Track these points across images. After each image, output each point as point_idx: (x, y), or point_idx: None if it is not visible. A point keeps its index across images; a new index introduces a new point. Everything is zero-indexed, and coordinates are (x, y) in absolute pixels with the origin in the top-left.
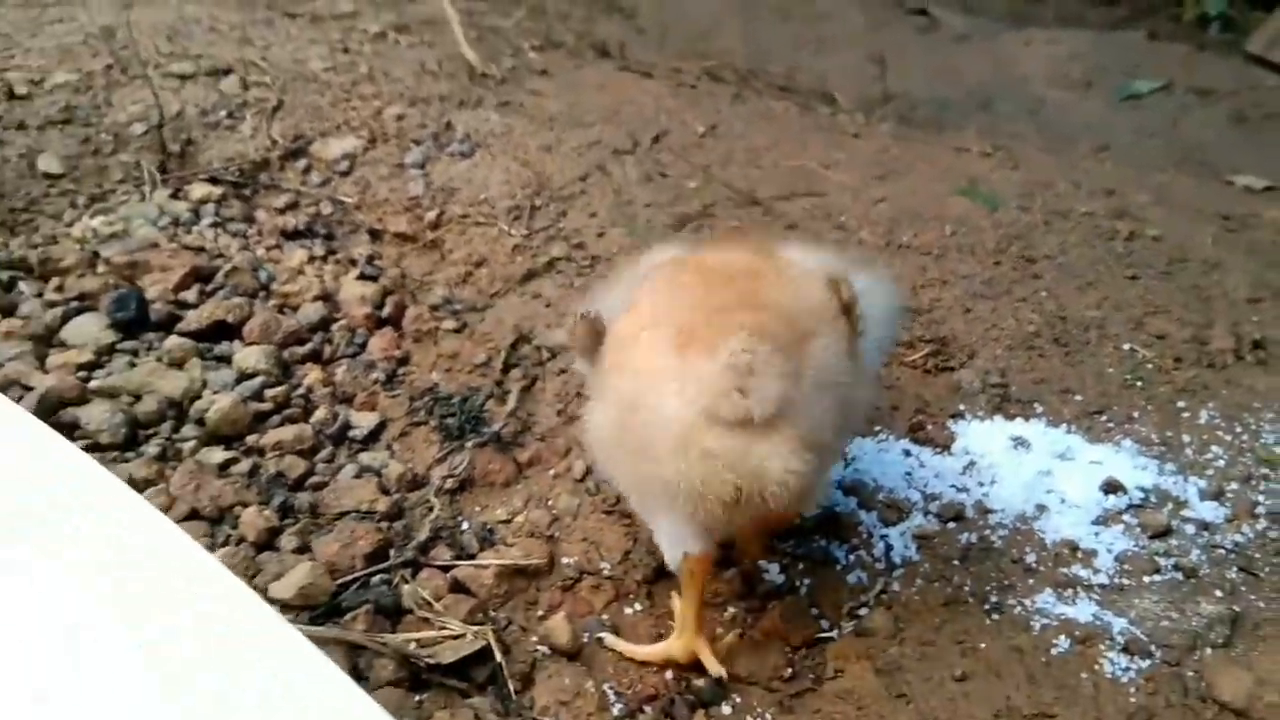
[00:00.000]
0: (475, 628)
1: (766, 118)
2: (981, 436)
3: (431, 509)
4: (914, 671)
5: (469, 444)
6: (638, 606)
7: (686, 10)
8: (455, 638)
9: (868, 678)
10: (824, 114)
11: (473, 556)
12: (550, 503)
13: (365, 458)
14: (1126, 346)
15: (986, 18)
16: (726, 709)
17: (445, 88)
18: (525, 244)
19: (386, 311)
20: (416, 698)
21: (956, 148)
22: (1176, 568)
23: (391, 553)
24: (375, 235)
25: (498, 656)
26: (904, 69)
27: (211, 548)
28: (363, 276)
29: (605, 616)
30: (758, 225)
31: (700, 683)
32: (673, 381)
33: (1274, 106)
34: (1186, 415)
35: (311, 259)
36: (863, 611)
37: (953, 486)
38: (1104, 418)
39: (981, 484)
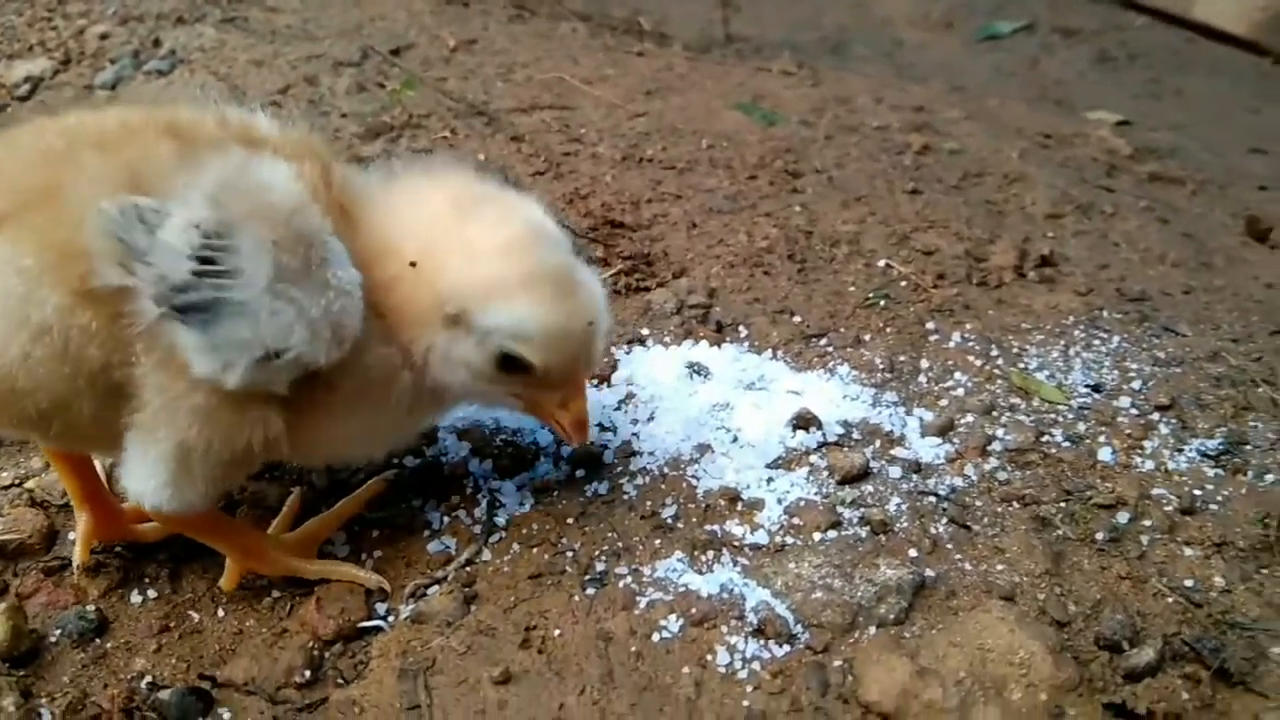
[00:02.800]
0: None
1: (544, 36)
2: (652, 364)
3: None
4: (449, 671)
5: None
6: (151, 594)
7: None
8: None
9: (388, 681)
10: (623, 39)
11: None
12: None
13: None
14: (881, 263)
15: None
16: None
17: (169, 4)
18: None
19: None
20: None
21: (758, 68)
22: (864, 521)
23: None
24: None
25: None
26: (758, 11)
27: None
28: None
29: (94, 606)
30: (475, 135)
31: (166, 696)
32: None
33: (1138, 47)
34: (935, 338)
35: None
36: (431, 590)
37: (598, 425)
38: (823, 341)
39: (636, 421)
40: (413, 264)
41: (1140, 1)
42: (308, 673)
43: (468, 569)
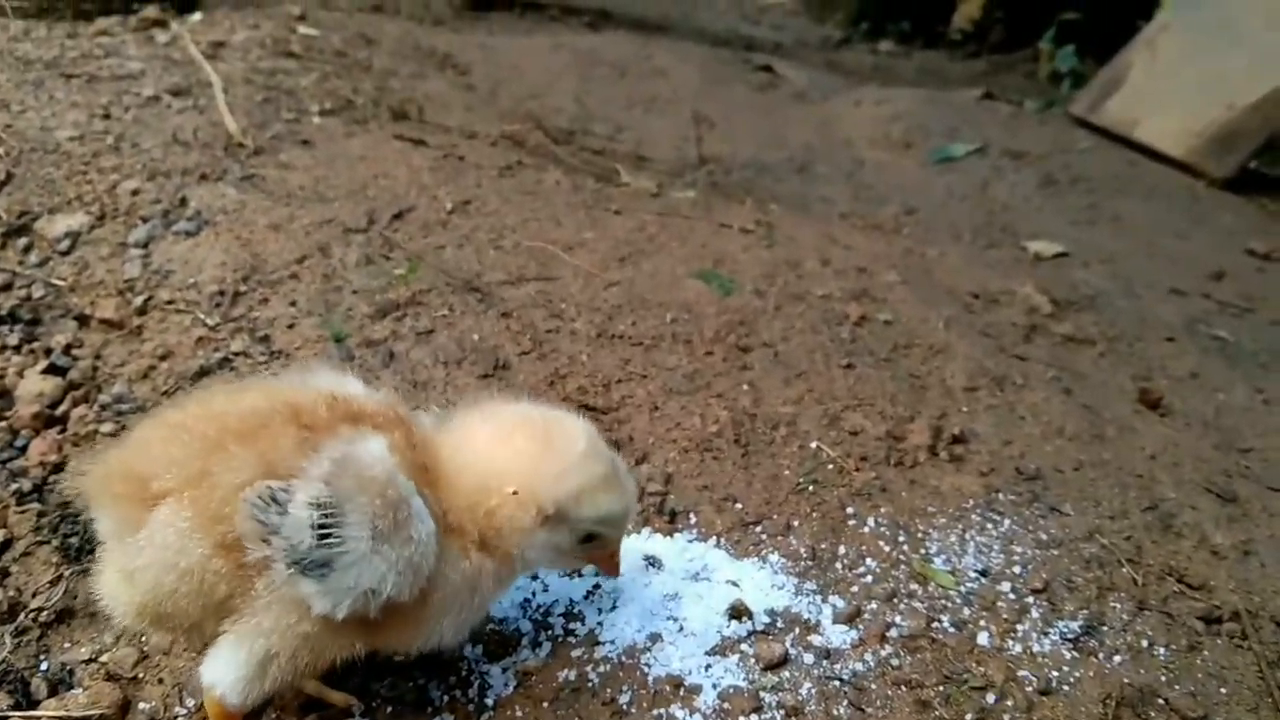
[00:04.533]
0: None
1: (531, 192)
2: None
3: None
4: None
5: (84, 567)
6: None
7: (521, 67)
8: None
9: None
10: (602, 186)
11: (37, 704)
12: (144, 638)
13: None
14: (814, 445)
15: (841, 74)
16: None
17: (193, 159)
18: (211, 336)
19: (63, 409)
20: None
21: (721, 224)
22: (780, 705)
23: None
24: (83, 321)
25: None
26: (729, 130)
27: None
28: (52, 369)
29: None
30: (470, 312)
31: None
32: None
33: (1082, 170)
34: (852, 523)
35: (2, 349)
36: None
37: (568, 615)
38: (759, 528)
39: (601, 610)
40: (514, 492)
41: (1089, 120)
42: None
43: None
